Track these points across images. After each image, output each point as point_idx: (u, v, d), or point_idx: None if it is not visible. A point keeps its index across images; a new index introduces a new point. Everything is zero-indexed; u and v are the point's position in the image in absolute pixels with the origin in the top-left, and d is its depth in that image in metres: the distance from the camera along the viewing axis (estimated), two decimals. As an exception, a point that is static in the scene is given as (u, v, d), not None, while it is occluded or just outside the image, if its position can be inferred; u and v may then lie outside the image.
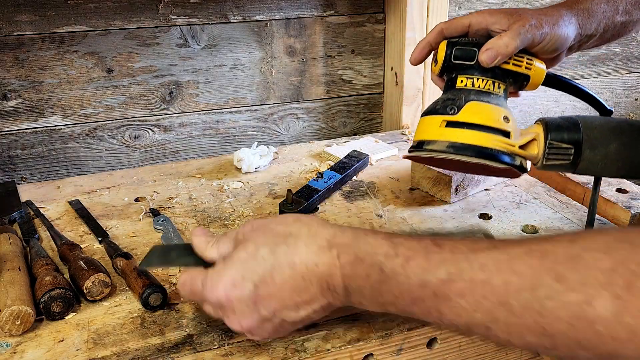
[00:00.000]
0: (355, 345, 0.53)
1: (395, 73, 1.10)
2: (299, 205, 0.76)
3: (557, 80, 0.66)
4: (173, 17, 0.97)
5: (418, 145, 0.62)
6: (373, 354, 0.54)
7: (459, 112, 0.60)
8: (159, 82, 1.00)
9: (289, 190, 0.76)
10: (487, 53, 0.60)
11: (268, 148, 0.95)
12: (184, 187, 0.87)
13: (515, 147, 0.59)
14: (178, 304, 0.59)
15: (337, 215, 0.77)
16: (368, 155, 0.93)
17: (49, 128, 0.96)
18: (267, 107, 1.09)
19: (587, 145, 0.58)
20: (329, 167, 0.89)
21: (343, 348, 0.53)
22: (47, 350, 0.53)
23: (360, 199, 0.82)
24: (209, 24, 1.00)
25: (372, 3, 1.09)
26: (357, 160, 0.90)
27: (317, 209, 0.79)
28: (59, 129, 0.97)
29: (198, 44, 1.00)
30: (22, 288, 0.56)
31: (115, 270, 0.64)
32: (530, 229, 0.73)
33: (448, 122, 0.60)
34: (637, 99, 1.42)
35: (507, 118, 0.60)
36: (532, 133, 0.60)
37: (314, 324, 0.55)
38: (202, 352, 0.52)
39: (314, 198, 0.78)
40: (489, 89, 0.61)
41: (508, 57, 0.60)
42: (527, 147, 0.60)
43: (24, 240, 0.70)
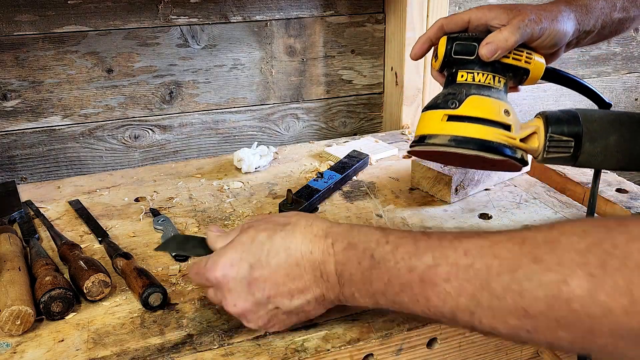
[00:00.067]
0: (355, 345, 0.53)
1: (395, 73, 1.10)
2: (299, 205, 0.76)
3: (556, 74, 0.66)
4: (173, 17, 0.97)
5: (420, 140, 0.62)
6: (373, 354, 0.54)
7: (460, 106, 0.60)
8: (159, 82, 1.00)
9: (289, 190, 0.76)
10: (487, 47, 0.60)
11: (268, 148, 0.95)
12: (184, 187, 0.87)
13: (517, 140, 0.60)
14: (178, 304, 0.59)
15: (337, 215, 0.77)
16: (368, 155, 0.93)
17: (49, 128, 0.96)
18: (267, 107, 1.09)
19: (587, 138, 0.58)
20: (329, 167, 0.89)
21: (343, 348, 0.53)
22: (47, 350, 0.53)
23: (360, 199, 0.82)
24: (209, 24, 1.00)
25: (372, 3, 1.09)
26: (357, 160, 0.90)
27: (317, 209, 0.79)
28: (59, 129, 0.97)
29: (198, 44, 1.00)
30: (22, 288, 0.56)
31: (115, 270, 0.64)
32: (530, 229, 0.73)
33: (449, 116, 0.60)
34: (637, 99, 1.42)
35: (507, 111, 0.60)
36: (532, 126, 0.61)
37: (314, 324, 0.55)
38: (202, 352, 0.52)
39: (314, 198, 0.78)
40: (490, 83, 0.62)
41: (508, 51, 0.61)
42: (527, 140, 0.61)
43: (24, 240, 0.70)
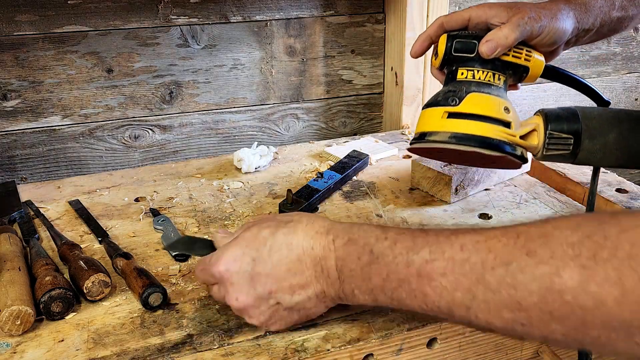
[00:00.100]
0: (355, 345, 0.53)
1: (395, 73, 1.10)
2: (299, 205, 0.76)
3: (555, 72, 0.67)
4: (173, 17, 0.97)
5: (420, 137, 0.62)
6: (373, 354, 0.54)
7: (461, 103, 0.60)
8: (159, 82, 1.00)
9: (289, 190, 0.76)
10: (487, 44, 0.60)
11: (268, 148, 0.95)
12: (184, 187, 0.87)
13: (516, 137, 0.60)
14: (178, 304, 0.59)
15: (337, 215, 0.77)
16: (368, 155, 0.93)
17: (49, 128, 0.96)
18: (267, 107, 1.09)
19: (586, 135, 0.59)
20: (329, 167, 0.89)
21: (343, 348, 0.53)
22: (47, 350, 0.53)
23: (360, 199, 0.82)
24: (209, 24, 1.00)
25: (372, 3, 1.09)
26: (357, 160, 0.90)
27: (317, 209, 0.79)
28: (59, 129, 0.97)
29: (198, 44, 1.00)
30: (22, 288, 0.56)
31: (115, 270, 0.64)
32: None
33: (450, 113, 0.60)
34: (637, 99, 1.42)
35: (507, 109, 0.61)
36: (532, 124, 0.61)
37: (314, 324, 0.55)
38: (202, 352, 0.52)
39: (314, 198, 0.78)
40: (490, 81, 0.62)
41: (508, 48, 0.61)
42: (527, 137, 0.61)
43: (24, 240, 0.70)
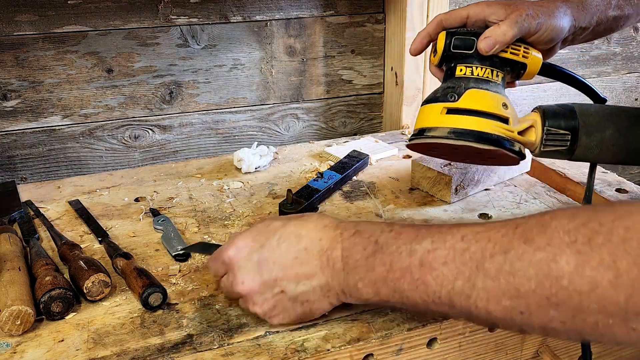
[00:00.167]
0: (355, 345, 0.53)
1: (395, 73, 1.10)
2: (299, 205, 0.76)
3: (552, 69, 0.67)
4: (173, 17, 0.97)
5: (419, 133, 0.63)
6: (373, 354, 0.54)
7: (459, 99, 0.61)
8: (159, 82, 1.00)
9: (289, 190, 0.76)
10: (485, 41, 0.61)
11: (268, 148, 0.95)
12: (184, 187, 0.87)
13: (514, 132, 0.60)
14: (178, 304, 0.59)
15: (337, 215, 0.77)
16: (368, 155, 0.93)
17: (49, 128, 0.96)
18: (267, 107, 1.09)
19: (583, 132, 0.60)
20: (329, 167, 0.89)
21: (343, 348, 0.53)
22: (47, 350, 0.53)
23: (360, 199, 0.82)
24: (209, 24, 1.00)
25: (372, 3, 1.09)
26: (357, 160, 0.90)
27: (317, 209, 0.79)
28: (59, 129, 0.97)
29: (198, 44, 1.00)
30: (22, 288, 0.56)
31: (115, 270, 0.64)
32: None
33: (448, 109, 0.61)
34: (637, 99, 1.42)
35: (505, 105, 0.61)
36: (529, 120, 0.62)
37: (314, 324, 0.55)
38: (202, 352, 0.52)
39: (314, 198, 0.78)
40: (488, 77, 0.62)
41: (506, 44, 0.62)
42: (525, 133, 0.62)
43: (24, 240, 0.70)
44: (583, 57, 1.32)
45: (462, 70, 0.63)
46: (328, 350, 0.53)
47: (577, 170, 0.86)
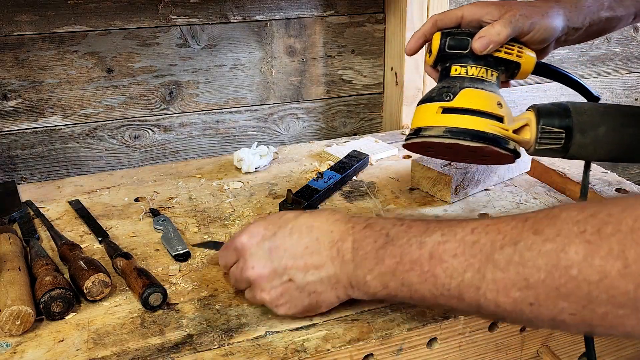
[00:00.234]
0: (355, 345, 0.53)
1: (395, 73, 1.10)
2: (299, 205, 0.76)
3: (546, 69, 0.68)
4: (173, 17, 0.97)
5: (415, 132, 0.63)
6: (373, 354, 0.54)
7: (454, 98, 0.61)
8: (159, 82, 1.00)
9: (289, 190, 0.76)
10: (480, 40, 0.62)
11: (268, 148, 0.95)
12: (184, 187, 0.87)
13: (509, 131, 0.61)
14: (178, 304, 0.59)
15: (337, 215, 0.77)
16: (368, 155, 0.93)
17: (49, 128, 0.96)
18: (267, 107, 1.09)
19: (577, 129, 0.60)
20: (329, 167, 0.89)
21: (343, 348, 0.53)
22: (47, 350, 0.53)
23: (360, 199, 0.82)
24: (209, 24, 1.00)
25: (372, 3, 1.09)
26: (357, 160, 0.90)
27: (317, 209, 0.79)
28: (59, 129, 0.97)
29: (198, 44, 1.00)
30: (22, 288, 0.56)
31: (115, 270, 0.64)
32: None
33: (444, 108, 0.61)
34: (637, 99, 1.42)
35: (500, 104, 0.62)
36: (524, 119, 0.63)
37: (314, 324, 0.55)
38: (202, 352, 0.52)
39: (314, 198, 0.78)
40: (483, 77, 0.63)
41: (500, 44, 0.62)
42: (520, 132, 0.62)
43: (24, 240, 0.70)
44: (583, 57, 1.32)
45: (457, 70, 0.63)
46: (328, 350, 0.53)
47: (577, 170, 0.86)
